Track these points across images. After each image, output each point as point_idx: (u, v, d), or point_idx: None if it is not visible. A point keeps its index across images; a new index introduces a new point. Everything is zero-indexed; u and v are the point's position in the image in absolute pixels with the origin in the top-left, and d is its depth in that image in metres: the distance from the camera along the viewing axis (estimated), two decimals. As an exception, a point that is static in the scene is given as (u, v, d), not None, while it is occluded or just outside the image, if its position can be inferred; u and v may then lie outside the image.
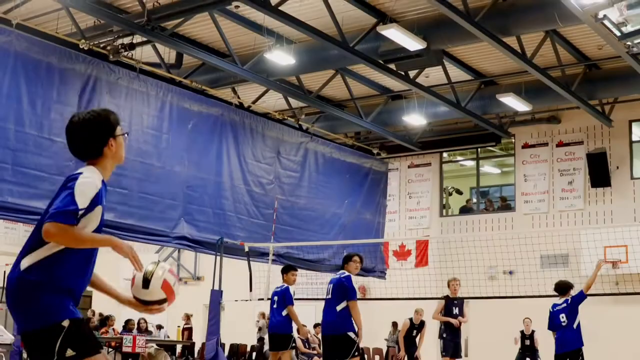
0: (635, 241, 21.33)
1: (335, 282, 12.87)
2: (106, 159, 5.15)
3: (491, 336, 24.18)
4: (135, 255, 4.97)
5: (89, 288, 5.29)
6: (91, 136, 5.08)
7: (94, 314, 27.39)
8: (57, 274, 4.80)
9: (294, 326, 16.06)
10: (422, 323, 19.65)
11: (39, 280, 4.74)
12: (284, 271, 16.02)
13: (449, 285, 17.94)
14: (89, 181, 4.91)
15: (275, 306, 15.77)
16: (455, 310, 17.83)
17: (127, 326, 21.95)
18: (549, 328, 15.11)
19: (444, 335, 17.93)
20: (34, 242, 4.82)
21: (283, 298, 15.59)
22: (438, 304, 17.98)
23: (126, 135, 5.30)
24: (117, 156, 5.22)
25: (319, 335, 24.53)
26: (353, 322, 12.57)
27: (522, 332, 21.70)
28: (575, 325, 14.69)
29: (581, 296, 14.79)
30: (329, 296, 12.82)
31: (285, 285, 15.77)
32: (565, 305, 14.79)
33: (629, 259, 22.33)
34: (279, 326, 15.78)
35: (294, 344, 16.26)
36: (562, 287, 15.09)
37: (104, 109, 5.23)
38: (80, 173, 4.94)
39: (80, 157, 5.14)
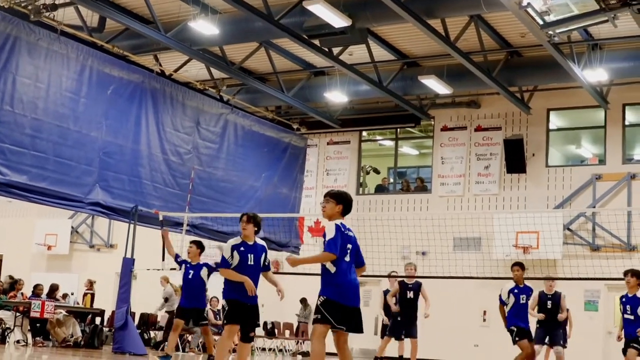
0: (546, 227, 21.77)
1: None
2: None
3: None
4: None
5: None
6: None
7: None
8: None
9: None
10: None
11: None
12: None
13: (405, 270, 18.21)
14: None
15: None
16: (410, 294, 17.87)
17: (36, 291, 21.53)
18: None
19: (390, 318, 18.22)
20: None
21: None
22: (394, 288, 18.14)
23: None
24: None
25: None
26: None
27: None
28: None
29: None
30: None
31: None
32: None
33: (540, 244, 22.76)
34: None
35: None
36: None
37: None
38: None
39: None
